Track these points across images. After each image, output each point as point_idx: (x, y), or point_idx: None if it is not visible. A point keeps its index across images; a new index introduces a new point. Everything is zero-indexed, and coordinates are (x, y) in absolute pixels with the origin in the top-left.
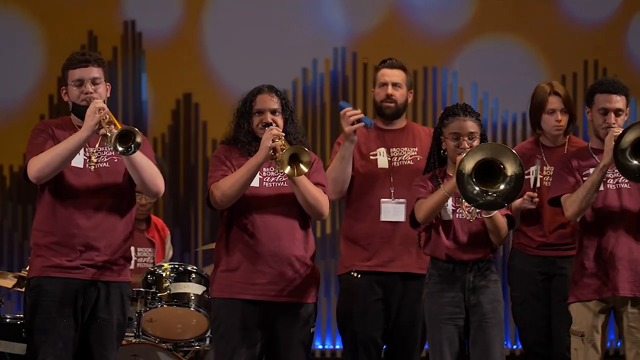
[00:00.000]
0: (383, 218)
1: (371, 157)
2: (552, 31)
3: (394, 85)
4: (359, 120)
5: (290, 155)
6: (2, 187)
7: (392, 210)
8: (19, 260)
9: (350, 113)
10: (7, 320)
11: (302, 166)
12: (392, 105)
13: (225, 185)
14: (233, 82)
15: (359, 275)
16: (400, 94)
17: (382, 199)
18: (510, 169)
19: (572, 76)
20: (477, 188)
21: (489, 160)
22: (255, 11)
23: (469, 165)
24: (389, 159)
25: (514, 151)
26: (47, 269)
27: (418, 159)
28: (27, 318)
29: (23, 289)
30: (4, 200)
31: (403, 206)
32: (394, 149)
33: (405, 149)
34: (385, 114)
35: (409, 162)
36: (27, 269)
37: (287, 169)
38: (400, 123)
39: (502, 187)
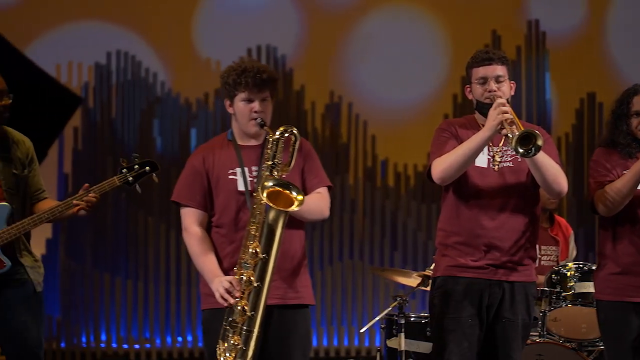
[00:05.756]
0: None
1: None
2: None
3: None
4: None
5: None
6: (406, 186)
7: None
8: (423, 259)
9: None
10: (412, 319)
11: None
12: None
13: (612, 191)
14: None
15: None
16: None
17: None
18: None
19: None
20: None
21: None
22: None
23: None
24: None
25: None
26: (452, 268)
27: None
28: (433, 317)
29: (427, 288)
30: (409, 200)
31: None
32: None
33: None
34: None
35: None
36: (432, 268)
37: None
38: None
39: None
